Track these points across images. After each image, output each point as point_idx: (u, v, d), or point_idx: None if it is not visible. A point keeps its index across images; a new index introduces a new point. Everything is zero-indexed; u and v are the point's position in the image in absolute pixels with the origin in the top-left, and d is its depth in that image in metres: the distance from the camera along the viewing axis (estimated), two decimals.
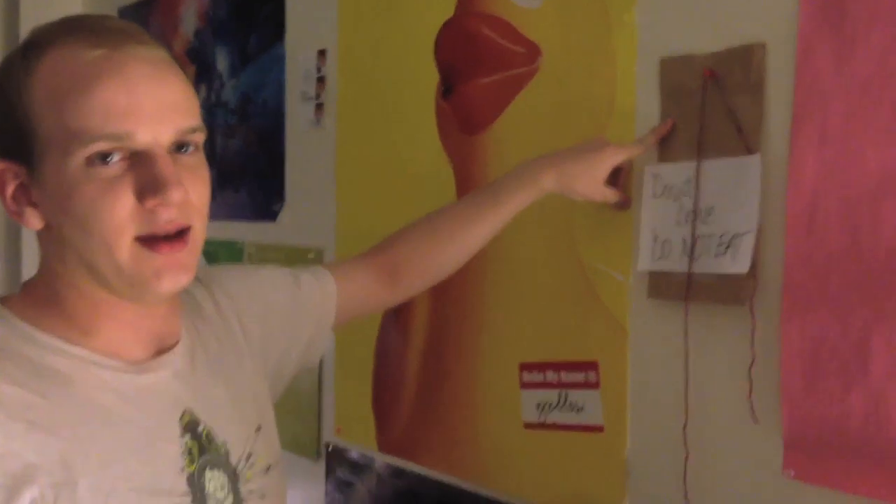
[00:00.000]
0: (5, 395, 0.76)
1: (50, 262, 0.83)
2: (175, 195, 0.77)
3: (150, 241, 0.78)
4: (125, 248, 0.77)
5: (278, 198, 1.87)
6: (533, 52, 1.31)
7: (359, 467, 1.67)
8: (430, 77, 1.48)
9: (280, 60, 1.85)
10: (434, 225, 1.19)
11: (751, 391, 1.05)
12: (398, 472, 1.58)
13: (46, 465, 0.75)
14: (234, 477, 0.88)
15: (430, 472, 1.51)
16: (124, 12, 2.41)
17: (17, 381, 0.77)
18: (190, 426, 0.85)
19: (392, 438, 1.59)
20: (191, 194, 0.79)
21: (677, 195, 1.11)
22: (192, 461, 0.84)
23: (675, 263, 1.11)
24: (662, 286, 1.14)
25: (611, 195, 1.16)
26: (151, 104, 0.77)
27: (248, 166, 1.97)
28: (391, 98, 1.58)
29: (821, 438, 1.00)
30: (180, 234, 0.79)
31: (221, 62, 2.05)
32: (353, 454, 1.68)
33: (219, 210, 2.09)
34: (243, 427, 0.92)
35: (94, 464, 0.77)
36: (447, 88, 1.46)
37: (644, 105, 1.17)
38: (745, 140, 1.04)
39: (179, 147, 0.80)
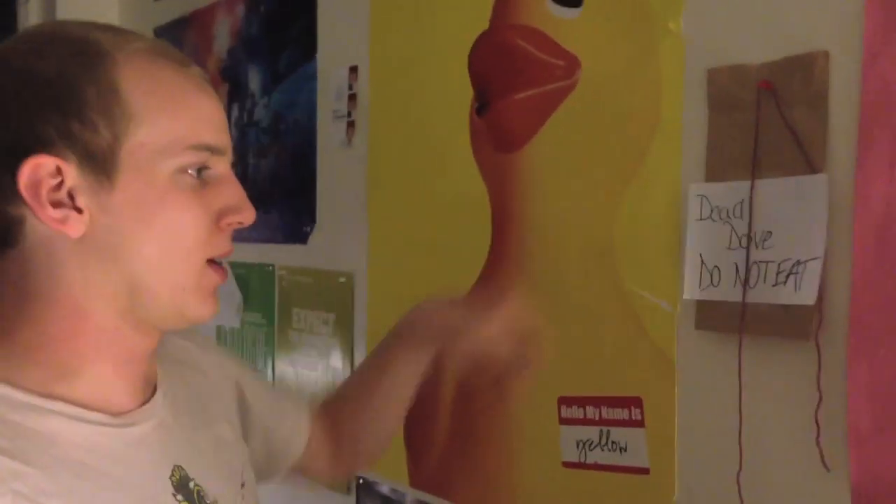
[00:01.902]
0: None
1: (52, 284, 0.73)
2: (249, 219, 0.77)
3: (212, 263, 0.76)
4: (197, 267, 0.75)
5: (309, 219, 1.81)
6: (572, 64, 1.23)
7: (390, 502, 1.60)
8: (464, 93, 1.41)
9: (311, 78, 1.80)
10: (351, 385, 1.16)
11: (819, 434, 0.95)
12: None
13: None
14: None
15: None
16: (160, 31, 2.39)
17: None
18: (181, 484, 0.78)
19: (424, 473, 1.52)
20: None
21: (728, 217, 1.02)
22: None
23: (728, 292, 1.01)
24: (712, 317, 1.04)
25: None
26: (227, 127, 0.79)
27: (279, 187, 1.92)
28: (424, 115, 1.51)
29: (894, 489, 0.89)
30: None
31: (254, 81, 2.01)
32: (384, 488, 1.61)
33: (250, 232, 2.04)
34: (230, 482, 0.85)
35: None
36: (482, 105, 1.39)
37: (691, 120, 1.08)
38: (806, 157, 0.95)
39: None
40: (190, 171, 0.74)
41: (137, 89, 0.72)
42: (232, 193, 0.76)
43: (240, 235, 0.82)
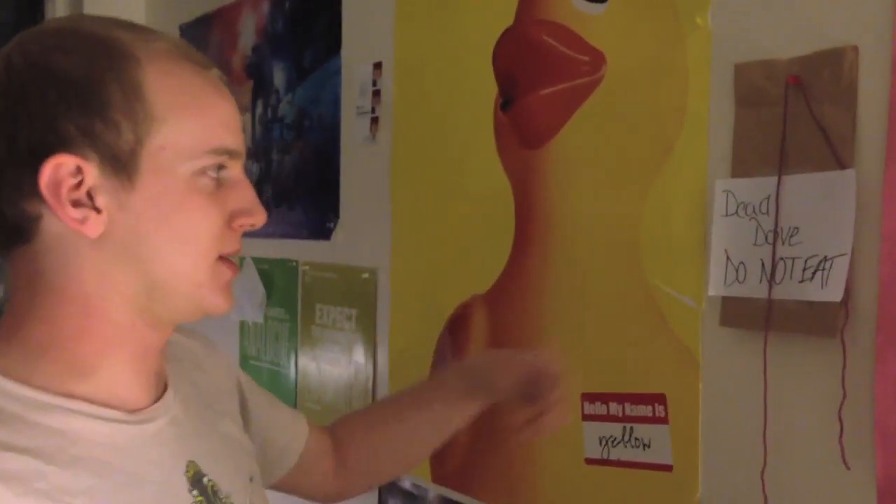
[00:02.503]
0: (8, 468, 0.66)
1: (67, 281, 0.73)
2: (261, 221, 0.78)
3: (223, 260, 0.78)
4: (211, 263, 0.76)
5: (333, 215, 1.81)
6: (597, 60, 1.23)
7: (412, 498, 1.60)
8: (489, 89, 1.41)
9: (336, 74, 1.80)
10: (383, 410, 1.17)
11: (842, 433, 0.94)
12: None
13: None
14: None
15: None
16: (185, 29, 2.41)
17: (16, 449, 0.68)
18: (196, 479, 0.78)
19: (447, 469, 1.51)
20: None
21: (754, 213, 1.01)
22: None
23: (753, 289, 1.01)
24: (737, 313, 1.04)
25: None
26: (242, 129, 0.80)
27: (303, 183, 1.92)
28: (448, 111, 1.51)
29: None
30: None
31: (278, 77, 2.01)
32: (407, 484, 1.61)
33: (274, 228, 2.07)
34: (238, 476, 0.85)
35: None
36: (506, 100, 1.39)
37: (718, 115, 1.08)
38: (835, 153, 0.94)
39: None
40: (209, 174, 0.74)
41: (161, 91, 0.72)
42: (245, 196, 0.77)
43: (264, 231, 0.83)
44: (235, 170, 0.77)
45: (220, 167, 0.75)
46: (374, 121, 1.69)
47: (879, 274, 0.91)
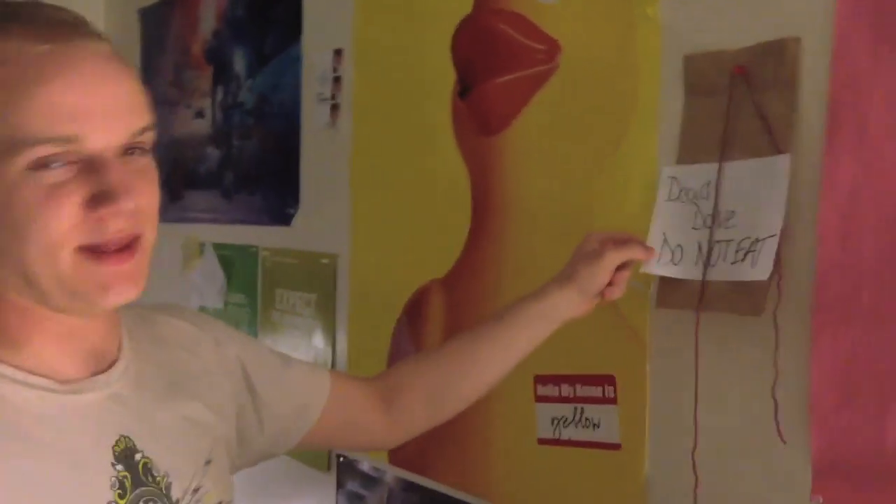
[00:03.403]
0: None
1: None
2: (128, 204, 0.72)
3: (94, 251, 0.73)
4: (67, 258, 0.72)
5: (293, 201, 1.82)
6: (552, 49, 1.25)
7: (370, 480, 1.62)
8: (448, 76, 1.43)
9: (296, 60, 1.81)
10: (438, 350, 1.13)
11: (776, 410, 0.97)
12: (409, 486, 1.52)
13: None
14: None
15: (441, 486, 1.45)
16: (145, 13, 2.39)
17: None
18: (125, 454, 0.78)
19: (404, 451, 1.53)
20: (141, 200, 0.74)
21: (695, 198, 1.04)
22: (122, 494, 0.77)
23: (688, 271, 1.04)
24: (672, 295, 1.07)
25: (616, 293, 1.06)
26: (102, 105, 0.72)
27: (264, 169, 1.93)
28: (407, 98, 1.53)
29: (854, 463, 0.92)
30: (128, 245, 0.74)
31: (239, 63, 2.01)
32: (365, 467, 1.63)
33: (234, 213, 2.07)
34: (190, 458, 0.85)
35: (9, 497, 0.70)
36: (464, 88, 1.41)
37: (668, 104, 1.11)
38: (773, 140, 0.97)
39: (129, 149, 0.74)
40: (51, 165, 0.70)
41: None
42: (102, 181, 0.71)
43: (224, 217, 0.81)
44: (95, 153, 0.72)
45: (63, 155, 0.70)
46: (335, 108, 1.70)
47: (817, 256, 0.95)
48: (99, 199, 0.71)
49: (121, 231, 0.73)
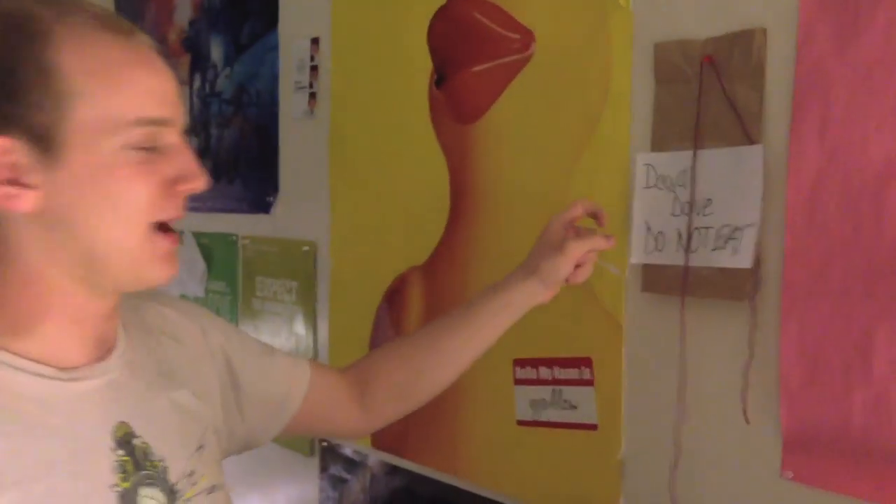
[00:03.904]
0: None
1: (9, 252, 0.77)
2: (201, 185, 0.79)
3: (162, 228, 0.79)
4: (143, 232, 0.77)
5: (272, 189, 1.83)
6: (527, 37, 1.27)
7: (353, 464, 1.64)
8: (425, 65, 1.44)
9: (273, 49, 1.81)
10: (408, 340, 1.16)
11: (746, 390, 1.01)
12: (392, 469, 1.55)
13: None
14: (171, 496, 0.83)
15: (423, 469, 1.48)
16: (121, 1, 2.38)
17: None
18: (124, 439, 0.81)
19: (386, 435, 1.56)
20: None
21: (672, 185, 1.07)
22: (125, 478, 0.79)
23: (671, 256, 1.07)
24: (657, 280, 1.10)
25: (580, 277, 1.09)
26: (176, 93, 0.80)
27: (242, 157, 1.94)
28: (385, 87, 1.54)
29: (821, 439, 0.96)
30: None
31: (216, 51, 2.02)
32: (347, 451, 1.65)
33: (213, 202, 2.07)
34: (183, 443, 0.87)
35: (15, 480, 0.73)
36: (440, 77, 1.42)
37: (639, 92, 1.13)
38: (745, 129, 1.00)
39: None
40: (139, 146, 0.76)
41: (78, 66, 0.73)
42: (183, 162, 0.79)
43: (204, 206, 0.85)
44: (171, 136, 0.78)
45: (152, 138, 0.76)
46: (313, 96, 1.71)
47: (785, 242, 0.98)
48: (177, 180, 0.78)
49: (181, 211, 0.80)
